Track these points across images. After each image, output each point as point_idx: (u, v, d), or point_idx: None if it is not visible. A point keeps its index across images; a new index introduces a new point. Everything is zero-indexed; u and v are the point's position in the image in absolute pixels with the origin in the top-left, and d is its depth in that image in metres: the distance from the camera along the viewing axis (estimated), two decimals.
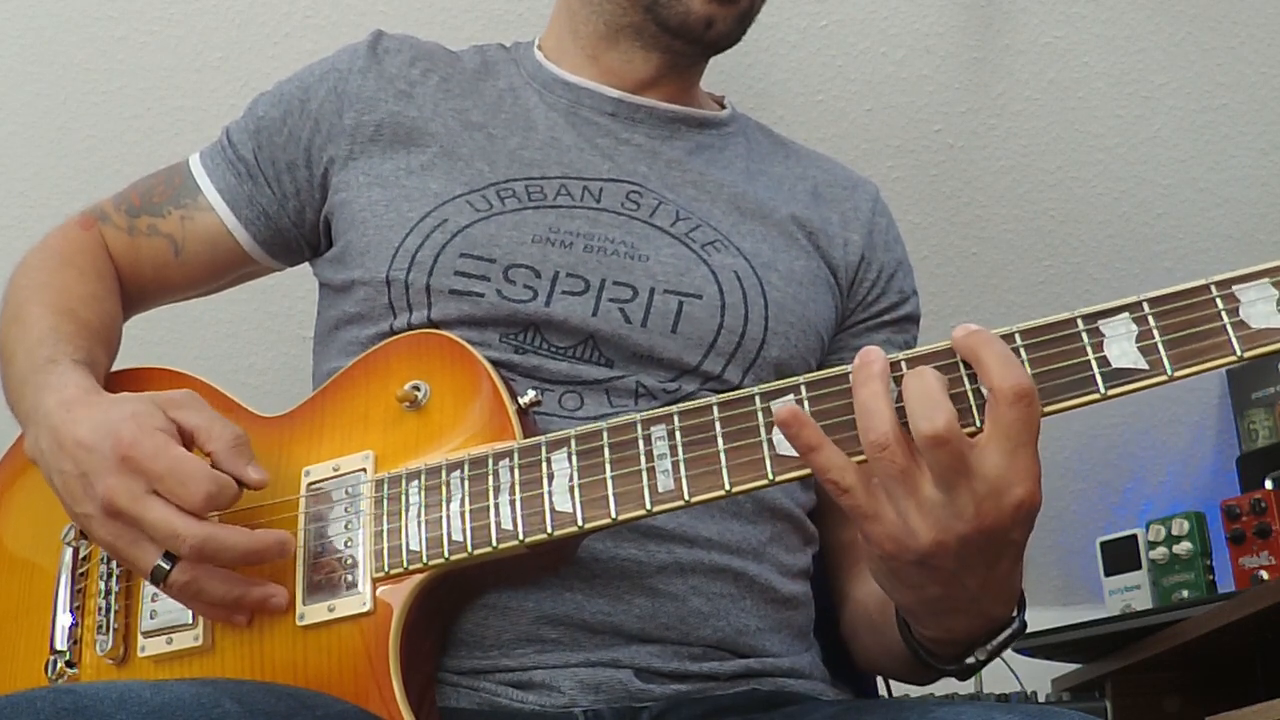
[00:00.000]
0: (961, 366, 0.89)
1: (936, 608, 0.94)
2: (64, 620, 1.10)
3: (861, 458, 0.88)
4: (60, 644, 1.09)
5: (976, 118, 2.03)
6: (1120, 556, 1.99)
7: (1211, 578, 1.79)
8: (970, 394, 0.88)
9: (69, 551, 1.13)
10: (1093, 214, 2.12)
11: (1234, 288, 0.87)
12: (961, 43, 1.97)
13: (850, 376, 0.89)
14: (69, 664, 1.09)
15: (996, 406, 0.85)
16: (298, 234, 1.31)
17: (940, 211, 2.09)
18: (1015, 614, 0.97)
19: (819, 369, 1.25)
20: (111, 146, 1.91)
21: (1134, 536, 1.99)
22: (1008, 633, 0.97)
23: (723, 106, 1.40)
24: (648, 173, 1.27)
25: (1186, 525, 1.82)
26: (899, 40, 1.96)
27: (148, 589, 1.07)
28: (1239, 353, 0.86)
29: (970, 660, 0.99)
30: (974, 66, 1.99)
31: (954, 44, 1.97)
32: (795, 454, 0.91)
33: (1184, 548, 1.81)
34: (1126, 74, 2.02)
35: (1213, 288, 0.87)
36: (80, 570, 1.13)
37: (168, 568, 0.99)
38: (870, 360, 0.88)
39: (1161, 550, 1.90)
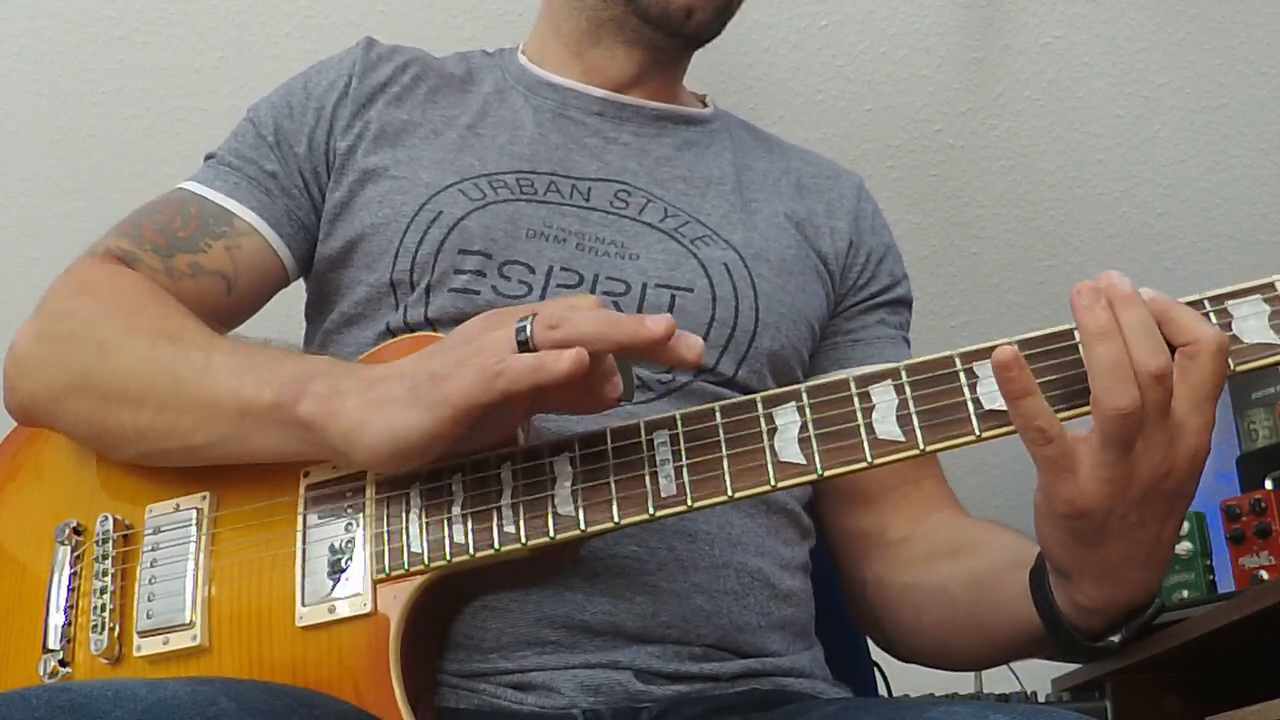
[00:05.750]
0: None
1: (1109, 570, 0.92)
2: (57, 619, 1.08)
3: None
4: (53, 643, 1.07)
5: (976, 118, 2.03)
6: None
7: (1211, 578, 1.79)
8: None
9: (62, 550, 1.12)
10: (1093, 214, 2.12)
11: (1227, 303, 0.90)
12: (961, 43, 1.97)
13: (1075, 312, 0.87)
14: (62, 663, 1.07)
15: (1197, 358, 0.85)
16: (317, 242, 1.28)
17: (940, 211, 2.09)
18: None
19: (811, 359, 1.27)
20: (111, 146, 1.91)
21: None
22: (1152, 609, 0.96)
23: (705, 104, 1.41)
24: (637, 169, 1.27)
25: (1186, 525, 1.81)
26: (899, 40, 1.96)
27: (144, 588, 1.05)
28: (1231, 367, 0.88)
29: (1115, 638, 0.96)
30: (974, 66, 1.99)
31: (954, 44, 1.97)
32: (799, 461, 0.91)
33: (1184, 548, 1.81)
34: (1126, 74, 2.02)
35: (1206, 303, 0.90)
36: (74, 570, 1.12)
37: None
38: (1097, 305, 0.86)
39: None
